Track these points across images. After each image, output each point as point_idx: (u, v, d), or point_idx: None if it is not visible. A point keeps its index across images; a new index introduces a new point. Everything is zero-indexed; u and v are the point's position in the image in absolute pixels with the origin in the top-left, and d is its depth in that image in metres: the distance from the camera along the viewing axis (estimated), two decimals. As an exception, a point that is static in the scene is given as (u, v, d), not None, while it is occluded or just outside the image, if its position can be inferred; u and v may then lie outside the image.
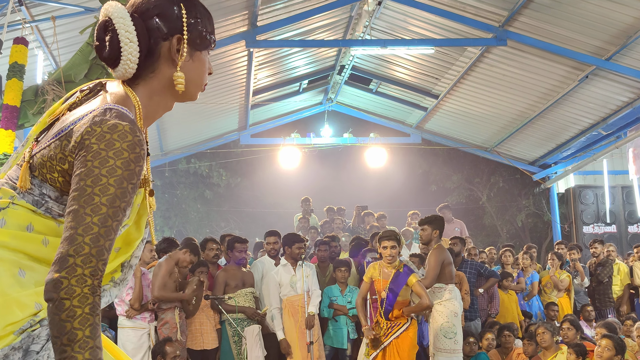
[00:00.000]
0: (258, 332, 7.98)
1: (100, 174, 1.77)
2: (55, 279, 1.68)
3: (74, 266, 1.69)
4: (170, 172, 20.53)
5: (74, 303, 1.68)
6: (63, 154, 1.90)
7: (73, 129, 1.90)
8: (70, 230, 1.73)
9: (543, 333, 7.95)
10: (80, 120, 1.91)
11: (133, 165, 1.82)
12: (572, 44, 11.58)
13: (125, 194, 1.80)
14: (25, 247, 1.90)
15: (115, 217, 1.78)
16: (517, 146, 16.69)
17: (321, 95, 17.97)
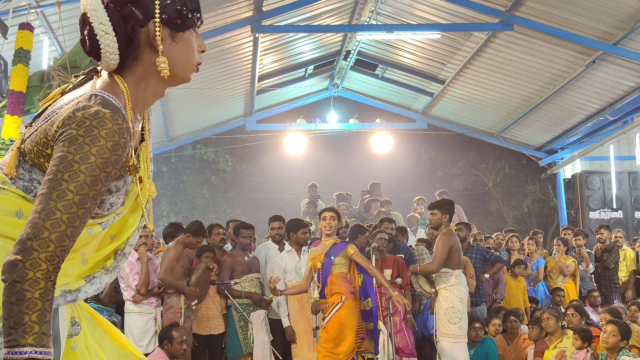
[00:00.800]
0: (264, 317, 8.01)
1: (74, 160, 1.76)
2: (11, 261, 1.68)
3: (30, 249, 1.68)
4: (176, 158, 20.53)
5: (24, 286, 1.66)
6: (46, 139, 1.89)
7: (58, 113, 1.89)
8: (34, 214, 1.73)
9: (548, 318, 7.96)
10: (66, 105, 1.91)
11: (109, 153, 1.80)
12: (579, 29, 11.52)
13: (96, 182, 1.78)
14: (14, 234, 1.86)
15: (82, 205, 1.76)
16: (523, 132, 16.64)
17: (327, 81, 17.94)
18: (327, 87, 18.15)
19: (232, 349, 8.05)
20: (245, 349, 7.94)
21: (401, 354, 8.32)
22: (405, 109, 17.96)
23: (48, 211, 1.72)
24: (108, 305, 7.62)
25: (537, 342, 8.19)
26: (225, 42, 12.85)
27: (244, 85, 15.28)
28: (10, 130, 7.57)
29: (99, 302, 7.48)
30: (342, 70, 17.01)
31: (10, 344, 1.63)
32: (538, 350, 8.00)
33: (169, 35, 2.05)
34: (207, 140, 19.98)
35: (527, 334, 8.53)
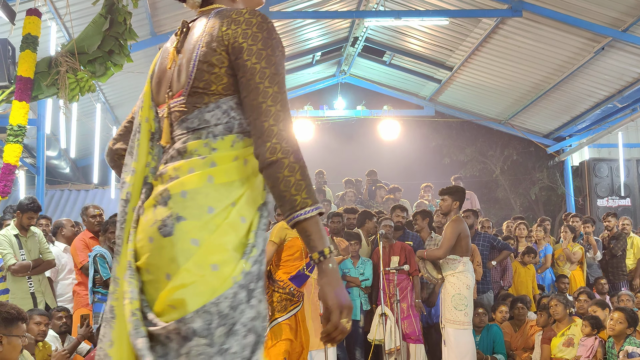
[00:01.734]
0: (271, 303, 8.02)
1: (269, 63, 2.20)
2: (269, 146, 2.10)
3: (281, 132, 2.12)
4: (183, 145, 20.56)
5: (290, 160, 2.11)
6: (212, 59, 2.18)
7: (203, 40, 2.21)
8: (265, 122, 2.14)
9: (556, 305, 7.95)
10: (210, 28, 2.23)
11: (281, 56, 2.26)
12: (588, 15, 11.45)
13: (284, 81, 2.27)
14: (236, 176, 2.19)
15: (286, 99, 2.25)
16: (531, 119, 16.59)
17: (334, 68, 17.91)
18: (334, 74, 18.13)
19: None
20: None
21: (408, 340, 8.35)
22: (413, 96, 17.92)
23: (275, 115, 2.17)
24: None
25: (544, 329, 8.19)
26: (233, 29, 12.82)
27: (251, 72, 15.26)
28: (19, 116, 7.59)
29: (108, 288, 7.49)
30: (349, 57, 16.98)
31: (300, 207, 2.06)
32: (545, 337, 8.01)
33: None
34: (214, 127, 19.99)
35: (535, 321, 8.53)
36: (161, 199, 2.15)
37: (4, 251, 7.41)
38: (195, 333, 2.03)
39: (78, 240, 8.12)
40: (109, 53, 7.79)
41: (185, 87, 2.22)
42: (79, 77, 7.74)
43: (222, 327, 2.05)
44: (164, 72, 2.37)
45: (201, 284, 2.06)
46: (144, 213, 2.19)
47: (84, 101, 11.60)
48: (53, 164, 13.78)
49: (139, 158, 2.30)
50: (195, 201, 2.12)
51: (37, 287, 7.59)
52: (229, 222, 2.14)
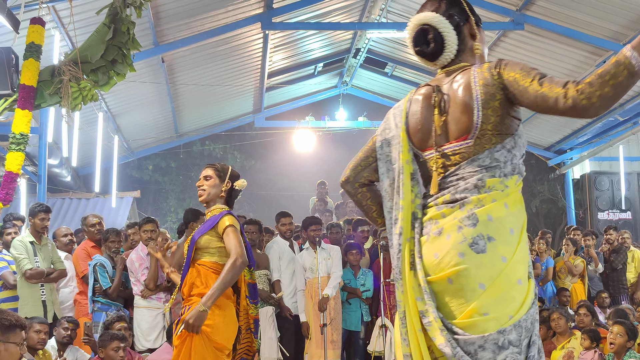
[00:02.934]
0: (272, 313, 8.01)
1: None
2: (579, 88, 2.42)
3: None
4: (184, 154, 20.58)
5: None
6: (500, 105, 2.66)
7: (493, 83, 2.69)
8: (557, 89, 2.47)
9: (558, 319, 7.94)
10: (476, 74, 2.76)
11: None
12: (590, 29, 11.47)
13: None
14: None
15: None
16: (532, 131, 16.58)
17: (336, 79, 17.94)
18: (336, 85, 18.15)
19: (239, 345, 8.06)
20: (253, 346, 7.95)
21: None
22: (414, 107, 17.91)
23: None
24: (116, 300, 7.64)
25: (544, 341, 8.17)
26: (236, 39, 12.87)
27: (253, 82, 15.30)
28: (21, 125, 7.60)
29: (107, 297, 7.50)
30: (351, 68, 17.01)
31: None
32: (545, 350, 7.98)
33: (476, 28, 2.94)
34: (216, 137, 20.02)
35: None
36: (469, 222, 2.58)
37: (20, 256, 7.44)
38: (511, 343, 2.48)
39: (80, 249, 8.13)
40: (112, 62, 7.81)
41: (472, 132, 2.67)
42: (81, 86, 7.75)
43: (526, 339, 2.54)
44: (425, 121, 2.82)
45: (512, 299, 2.53)
46: (446, 232, 2.63)
47: (86, 110, 11.61)
48: (54, 173, 13.78)
49: (405, 196, 2.76)
50: (501, 224, 2.59)
51: (48, 296, 7.62)
52: (523, 243, 2.63)
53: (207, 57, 13.05)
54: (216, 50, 12.92)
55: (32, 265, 7.47)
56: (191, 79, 13.58)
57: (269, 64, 14.62)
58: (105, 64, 7.79)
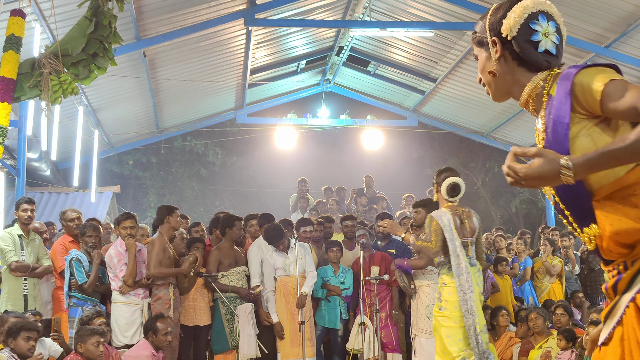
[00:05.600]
0: (250, 310, 8.00)
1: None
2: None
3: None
4: (165, 150, 20.51)
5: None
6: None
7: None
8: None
9: (535, 318, 7.98)
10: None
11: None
12: (572, 31, 11.54)
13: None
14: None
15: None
16: (513, 132, 16.68)
17: (319, 76, 17.93)
18: (319, 83, 18.15)
19: (218, 342, 8.05)
20: (231, 342, 7.94)
21: (386, 350, 8.35)
22: (396, 107, 17.97)
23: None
24: (92, 295, 7.59)
25: (522, 341, 8.22)
26: (218, 35, 12.83)
27: (235, 78, 15.25)
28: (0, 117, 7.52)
29: (83, 292, 7.45)
30: (334, 66, 17.01)
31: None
32: (523, 350, 8.03)
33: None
34: (197, 133, 19.96)
35: (514, 333, 8.56)
36: None
37: (7, 247, 7.45)
38: None
39: (58, 244, 8.08)
40: (93, 56, 7.75)
41: None
42: (62, 80, 7.69)
43: None
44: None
45: None
46: None
47: (66, 104, 11.54)
48: (34, 166, 13.68)
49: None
50: None
51: (30, 291, 7.60)
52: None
53: (190, 52, 12.99)
54: (199, 46, 12.87)
55: (18, 258, 7.44)
56: (173, 74, 13.52)
57: (252, 61, 14.59)
58: (86, 58, 7.73)
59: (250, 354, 7.76)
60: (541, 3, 2.43)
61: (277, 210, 16.27)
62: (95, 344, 5.99)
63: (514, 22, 2.41)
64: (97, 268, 7.55)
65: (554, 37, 2.44)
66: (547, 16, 2.43)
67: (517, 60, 2.45)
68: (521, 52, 2.42)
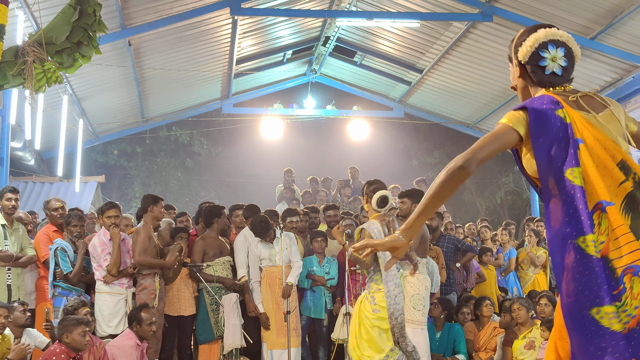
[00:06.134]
0: (236, 300, 7.99)
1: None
2: None
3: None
4: (150, 139, 20.43)
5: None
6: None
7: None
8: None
9: (518, 309, 8.02)
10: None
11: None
12: (557, 22, 11.56)
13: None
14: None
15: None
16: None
17: (305, 66, 17.89)
18: (305, 73, 18.10)
19: (203, 332, 8.04)
20: (216, 332, 7.94)
21: (371, 340, 8.36)
22: (382, 97, 17.96)
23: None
24: (77, 285, 7.55)
25: (507, 331, 8.26)
26: (204, 24, 12.76)
27: (221, 68, 15.19)
28: (-17, 105, 7.47)
29: (68, 282, 7.41)
30: (320, 56, 16.97)
31: None
32: (507, 340, 8.08)
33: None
34: (182, 123, 19.88)
35: (498, 323, 8.60)
36: None
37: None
38: None
39: (41, 233, 8.03)
40: (77, 44, 7.67)
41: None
42: (46, 68, 7.62)
43: None
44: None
45: None
46: None
47: (51, 92, 11.45)
48: (17, 156, 13.58)
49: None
50: None
51: (14, 281, 7.56)
52: None
53: (175, 42, 12.92)
54: (184, 35, 12.80)
55: (1, 248, 7.40)
56: (158, 63, 13.45)
57: (238, 50, 14.53)
58: (70, 46, 7.65)
59: (235, 344, 7.75)
60: (552, 34, 2.98)
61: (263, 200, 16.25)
62: (82, 333, 5.98)
63: (526, 51, 2.98)
64: (82, 258, 7.52)
65: (561, 61, 2.96)
66: (557, 44, 2.96)
67: (531, 79, 3.00)
68: (532, 74, 2.98)
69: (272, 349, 8.06)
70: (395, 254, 3.02)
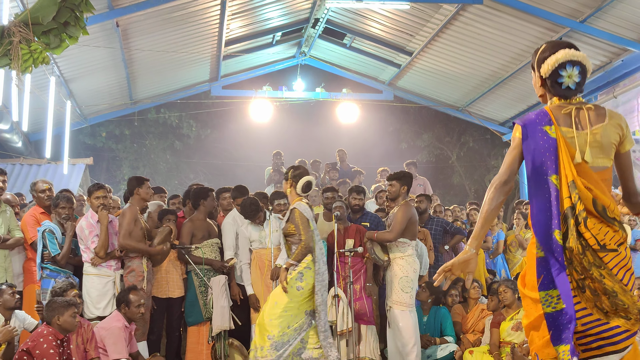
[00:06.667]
0: (224, 282, 7.98)
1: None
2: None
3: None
4: (139, 122, 20.32)
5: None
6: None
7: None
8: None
9: (504, 291, 8.06)
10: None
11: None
12: (548, 5, 11.55)
13: None
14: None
15: None
16: (488, 106, 16.73)
17: (294, 49, 17.81)
18: (294, 55, 18.03)
19: (192, 314, 8.04)
20: (205, 314, 7.94)
21: (360, 321, 8.40)
22: (372, 80, 17.92)
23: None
24: (65, 267, 7.53)
25: (494, 313, 8.30)
26: (193, 5, 12.66)
27: (210, 50, 15.10)
28: (-32, 86, 7.40)
29: (56, 264, 7.38)
30: (310, 39, 16.89)
31: None
32: (495, 322, 8.11)
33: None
34: (171, 105, 19.78)
35: (486, 305, 8.64)
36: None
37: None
38: None
39: (28, 215, 7.99)
40: (64, 25, 7.60)
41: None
42: (32, 49, 7.54)
43: None
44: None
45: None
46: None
47: (38, 74, 11.35)
48: (4, 138, 13.49)
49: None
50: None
51: (1, 263, 7.58)
52: None
53: (163, 23, 12.82)
54: (172, 16, 12.69)
55: (-14, 230, 7.37)
56: (146, 45, 13.35)
57: (227, 32, 14.43)
58: (57, 26, 7.58)
59: (223, 326, 7.75)
60: (571, 55, 3.56)
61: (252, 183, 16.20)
62: (73, 315, 5.98)
63: (547, 69, 3.58)
64: (70, 240, 7.49)
65: (576, 78, 3.56)
66: (573, 63, 3.55)
67: (549, 89, 3.63)
68: (550, 87, 3.61)
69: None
70: (469, 268, 3.68)
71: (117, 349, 6.59)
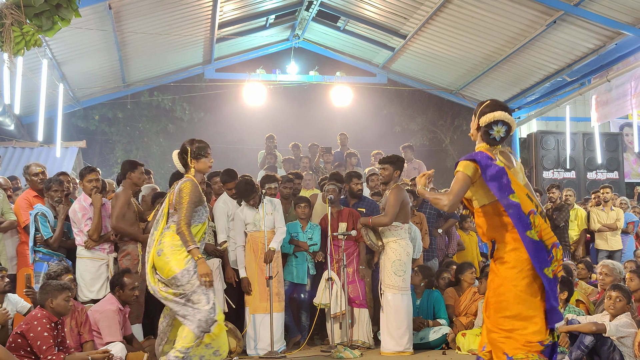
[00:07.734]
0: (218, 265, 8.00)
1: None
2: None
3: None
4: (132, 105, 20.25)
5: None
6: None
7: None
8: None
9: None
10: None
11: None
12: (542, -12, 11.53)
13: None
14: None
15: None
16: (482, 90, 16.72)
17: (288, 31, 17.74)
18: (288, 38, 17.95)
19: (185, 297, 8.04)
20: (199, 297, 7.94)
21: (353, 305, 8.45)
22: (366, 63, 17.88)
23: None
24: (58, 250, 7.53)
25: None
26: (185, -13, 12.60)
27: (203, 33, 15.03)
28: (-40, 69, 7.36)
29: (49, 247, 7.38)
30: (303, 21, 16.82)
31: None
32: (487, 304, 8.14)
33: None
34: (164, 88, 19.70)
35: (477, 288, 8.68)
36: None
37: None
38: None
39: (21, 199, 7.98)
40: (56, 7, 7.56)
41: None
42: (24, 31, 7.50)
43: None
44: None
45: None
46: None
47: (30, 56, 11.29)
48: (-3, 121, 13.45)
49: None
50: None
51: None
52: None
53: (156, 5, 12.74)
54: (166, -2, 12.63)
55: (-22, 214, 7.36)
56: (139, 27, 13.27)
57: (220, 14, 14.36)
58: (49, 9, 7.54)
59: (217, 309, 7.76)
60: (503, 116, 4.61)
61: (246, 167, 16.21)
62: (66, 298, 5.98)
63: (485, 121, 4.63)
64: (62, 223, 7.48)
65: (502, 133, 4.64)
66: (503, 123, 4.61)
67: (481, 136, 4.70)
68: (482, 134, 4.68)
69: (254, 314, 8.09)
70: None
71: (111, 332, 6.60)
